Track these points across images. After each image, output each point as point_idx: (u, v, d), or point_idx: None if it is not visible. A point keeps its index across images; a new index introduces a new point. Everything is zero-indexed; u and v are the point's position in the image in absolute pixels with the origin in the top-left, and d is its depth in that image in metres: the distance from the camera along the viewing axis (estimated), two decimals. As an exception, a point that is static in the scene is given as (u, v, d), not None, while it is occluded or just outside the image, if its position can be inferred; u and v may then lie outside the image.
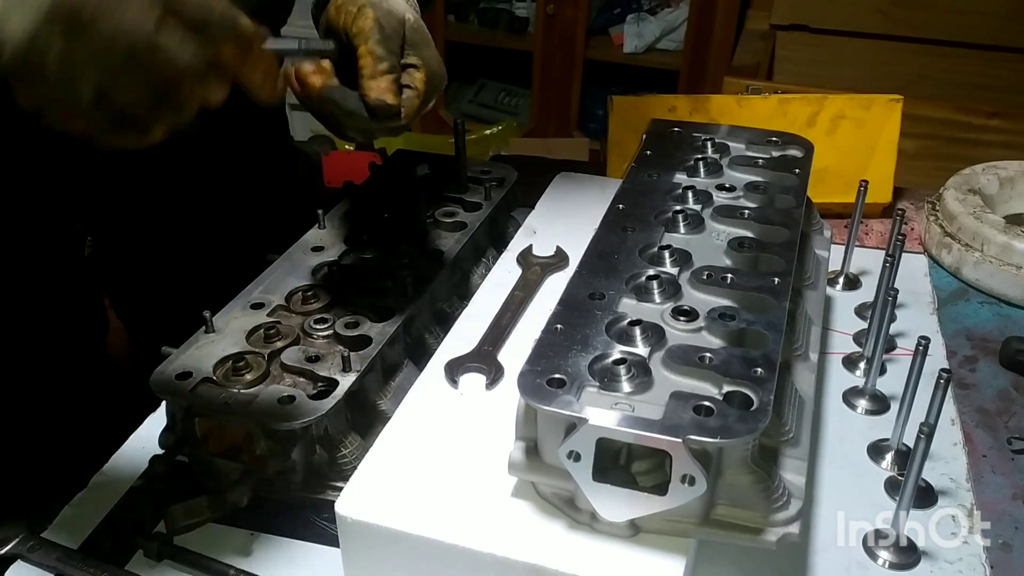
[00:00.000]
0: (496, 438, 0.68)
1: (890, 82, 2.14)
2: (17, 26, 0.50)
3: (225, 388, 0.76)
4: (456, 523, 0.64)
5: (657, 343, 0.66)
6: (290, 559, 0.73)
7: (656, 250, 0.78)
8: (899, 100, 1.20)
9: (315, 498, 0.76)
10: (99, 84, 0.53)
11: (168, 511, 0.72)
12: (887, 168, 1.21)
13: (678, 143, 0.97)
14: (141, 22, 0.54)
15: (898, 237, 0.89)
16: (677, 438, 0.56)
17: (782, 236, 0.80)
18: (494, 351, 0.83)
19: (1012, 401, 0.93)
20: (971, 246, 1.11)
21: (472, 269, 1.01)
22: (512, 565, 0.62)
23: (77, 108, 0.54)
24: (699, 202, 0.85)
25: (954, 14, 2.35)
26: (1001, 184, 1.20)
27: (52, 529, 0.75)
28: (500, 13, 3.18)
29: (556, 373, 0.62)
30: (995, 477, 0.83)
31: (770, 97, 1.23)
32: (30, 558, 0.72)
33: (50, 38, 0.51)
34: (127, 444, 0.84)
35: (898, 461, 0.81)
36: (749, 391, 0.61)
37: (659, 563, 0.61)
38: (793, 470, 0.64)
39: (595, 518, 0.63)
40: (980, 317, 1.07)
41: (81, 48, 0.52)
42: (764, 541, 0.61)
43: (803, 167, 0.92)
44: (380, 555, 0.66)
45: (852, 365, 0.94)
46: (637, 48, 3.02)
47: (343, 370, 0.77)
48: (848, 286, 1.07)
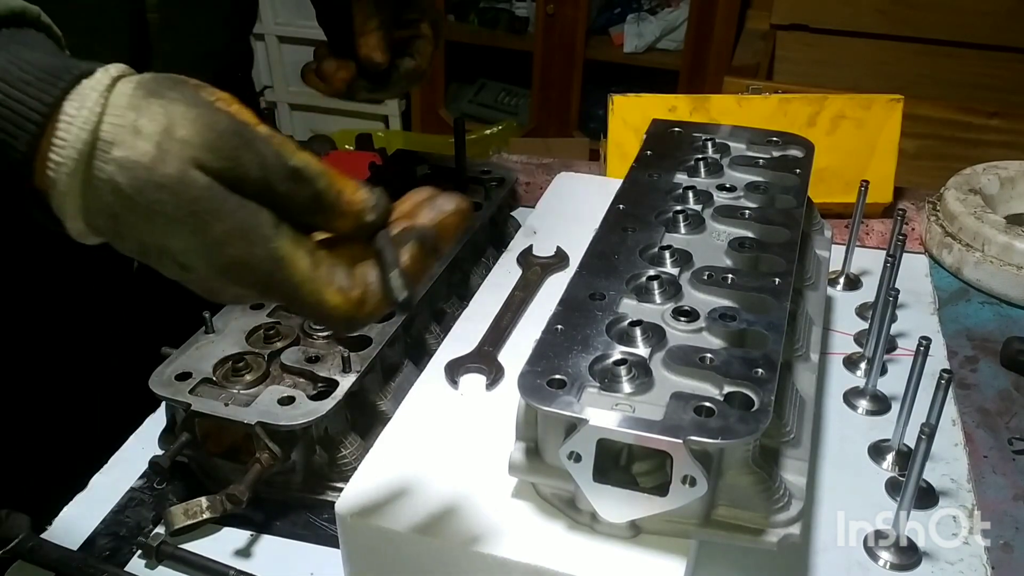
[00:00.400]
0: (496, 439, 0.68)
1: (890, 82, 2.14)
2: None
3: (225, 388, 0.76)
4: (456, 524, 0.64)
5: (658, 344, 0.66)
6: (290, 559, 0.73)
7: (656, 250, 0.77)
8: (899, 100, 1.20)
9: (315, 498, 0.76)
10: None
11: (168, 512, 0.72)
12: (888, 168, 1.21)
13: (678, 143, 0.97)
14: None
15: (899, 237, 0.89)
16: (678, 439, 0.56)
17: (783, 236, 0.80)
18: (494, 351, 0.83)
19: (1013, 401, 0.93)
20: (972, 246, 1.11)
21: (472, 269, 1.01)
22: (512, 566, 0.62)
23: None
24: (700, 202, 0.85)
25: (954, 14, 2.35)
26: (1002, 184, 1.20)
27: (52, 529, 0.75)
28: (500, 13, 3.18)
29: (556, 374, 0.62)
30: (996, 477, 0.83)
31: (770, 97, 1.23)
32: (30, 558, 0.72)
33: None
34: (127, 444, 0.84)
35: (899, 461, 0.81)
36: (750, 392, 0.61)
37: (660, 564, 0.61)
38: (794, 471, 0.64)
39: (595, 519, 0.62)
40: (981, 317, 1.07)
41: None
42: (765, 542, 0.60)
43: (804, 167, 0.91)
44: (380, 555, 0.66)
45: (853, 365, 0.94)
46: (637, 48, 3.02)
47: (343, 370, 0.77)
48: (849, 286, 1.07)
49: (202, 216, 0.46)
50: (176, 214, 0.46)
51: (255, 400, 0.74)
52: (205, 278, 0.48)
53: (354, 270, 0.51)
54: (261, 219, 0.47)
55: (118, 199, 0.45)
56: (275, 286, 0.48)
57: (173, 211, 0.46)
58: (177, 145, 0.45)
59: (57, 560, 0.71)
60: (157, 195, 0.45)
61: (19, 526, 0.73)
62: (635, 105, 1.22)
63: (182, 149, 0.45)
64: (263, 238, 0.47)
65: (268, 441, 0.72)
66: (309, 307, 0.50)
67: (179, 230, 0.46)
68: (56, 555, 0.72)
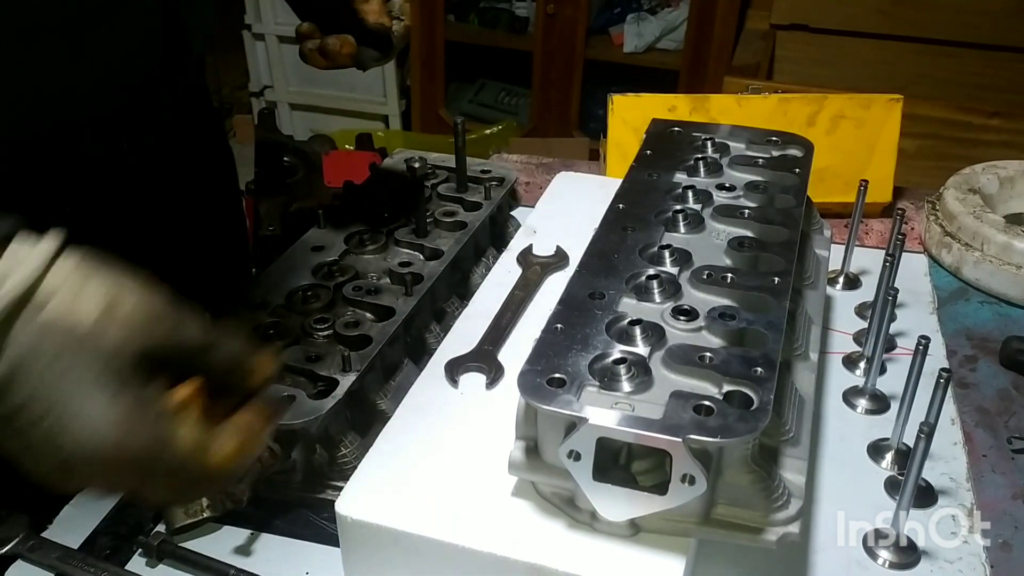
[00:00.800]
0: (496, 438, 0.68)
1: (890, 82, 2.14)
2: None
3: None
4: (456, 523, 0.64)
5: (657, 343, 0.66)
6: (290, 559, 0.73)
7: (656, 250, 0.78)
8: (899, 100, 1.20)
9: (315, 497, 0.76)
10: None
11: (168, 511, 0.72)
12: (887, 168, 1.21)
13: (678, 143, 0.97)
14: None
15: (898, 237, 0.89)
16: (677, 438, 0.56)
17: (782, 236, 0.80)
18: (494, 351, 0.83)
19: (1012, 401, 0.93)
20: (971, 246, 1.11)
21: (472, 269, 1.01)
22: (512, 565, 0.62)
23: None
24: (699, 202, 0.85)
25: (954, 14, 2.35)
26: (1001, 184, 1.20)
27: (52, 529, 0.75)
28: (500, 13, 3.19)
29: (556, 373, 0.62)
30: (995, 477, 0.83)
31: (770, 97, 1.23)
32: (30, 557, 0.72)
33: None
34: (127, 444, 0.84)
35: (898, 461, 0.81)
36: (749, 391, 0.61)
37: (659, 562, 0.61)
38: (793, 469, 0.64)
39: (595, 518, 0.63)
40: (980, 317, 1.07)
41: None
42: (764, 540, 0.61)
43: (803, 167, 0.91)
44: (380, 555, 0.66)
45: (852, 365, 0.94)
46: (637, 48, 3.02)
47: (343, 370, 0.77)
48: (848, 286, 1.07)
49: (112, 385, 0.47)
50: (85, 383, 0.46)
51: (255, 399, 0.74)
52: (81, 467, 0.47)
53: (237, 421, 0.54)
54: (155, 398, 0.49)
55: (28, 359, 0.45)
56: (157, 466, 0.49)
57: (93, 379, 0.46)
58: (118, 324, 0.47)
59: (57, 560, 0.71)
60: (82, 362, 0.46)
61: (19, 526, 0.73)
62: (635, 105, 1.22)
63: (122, 328, 0.47)
64: (154, 417, 0.48)
65: (268, 441, 0.72)
66: (187, 476, 0.51)
67: (81, 399, 0.46)
68: (56, 555, 0.72)
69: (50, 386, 0.46)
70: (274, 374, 0.56)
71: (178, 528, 0.72)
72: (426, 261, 0.93)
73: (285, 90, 3.48)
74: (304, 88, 3.47)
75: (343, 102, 3.44)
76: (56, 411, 0.46)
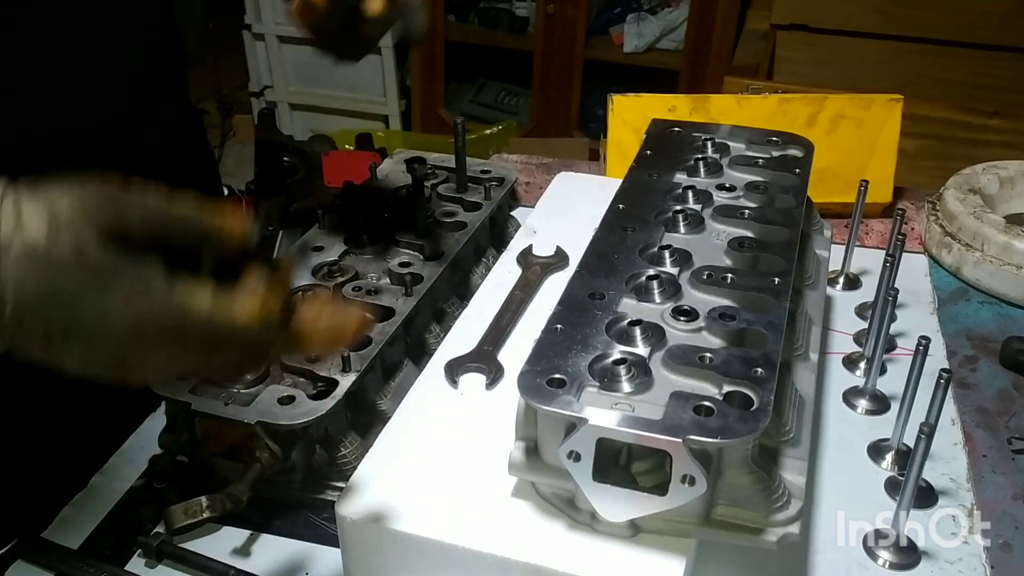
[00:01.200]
0: (496, 438, 0.68)
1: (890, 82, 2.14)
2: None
3: (225, 388, 0.76)
4: (456, 523, 0.64)
5: (657, 343, 0.66)
6: (290, 559, 0.73)
7: (656, 250, 0.78)
8: (899, 100, 1.20)
9: (315, 497, 0.76)
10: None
11: (168, 511, 0.72)
12: (887, 168, 1.21)
13: (678, 143, 0.97)
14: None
15: (898, 237, 0.89)
16: (677, 438, 0.56)
17: (782, 236, 0.80)
18: (494, 351, 0.83)
19: (1012, 401, 0.93)
20: (971, 246, 1.11)
21: (472, 269, 1.01)
22: (512, 565, 0.62)
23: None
24: (699, 202, 0.85)
25: (954, 14, 2.35)
26: (1001, 184, 1.20)
27: (52, 529, 0.75)
28: (500, 13, 3.19)
29: (556, 373, 0.62)
30: (995, 477, 0.83)
31: (770, 97, 1.23)
32: (30, 558, 0.72)
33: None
34: (127, 444, 0.84)
35: (898, 461, 0.81)
36: (749, 391, 0.61)
37: (659, 563, 0.61)
38: (793, 470, 0.64)
39: (595, 518, 0.62)
40: (980, 317, 1.07)
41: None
42: (764, 541, 0.61)
43: (803, 167, 0.91)
44: (380, 555, 0.66)
45: (852, 365, 0.94)
46: (637, 48, 3.02)
47: (343, 370, 0.77)
48: (848, 286, 1.07)
49: (103, 281, 0.48)
50: (79, 289, 0.47)
51: (255, 399, 0.74)
52: (115, 353, 0.49)
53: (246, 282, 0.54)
54: (156, 273, 0.49)
55: (23, 293, 0.46)
56: (187, 332, 0.50)
57: (75, 286, 0.47)
58: (64, 226, 0.48)
59: (57, 560, 0.71)
60: (58, 274, 0.47)
61: (19, 526, 0.73)
62: (635, 105, 1.22)
63: (68, 228, 0.48)
64: (162, 289, 0.49)
65: (268, 440, 0.72)
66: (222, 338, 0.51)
67: (83, 303, 0.47)
68: (56, 555, 0.72)
69: (51, 309, 0.47)
70: (249, 228, 0.56)
71: (178, 529, 0.72)
72: (426, 261, 0.93)
73: (285, 90, 3.47)
74: (304, 88, 3.47)
75: (343, 102, 3.44)
76: (74, 326, 0.47)
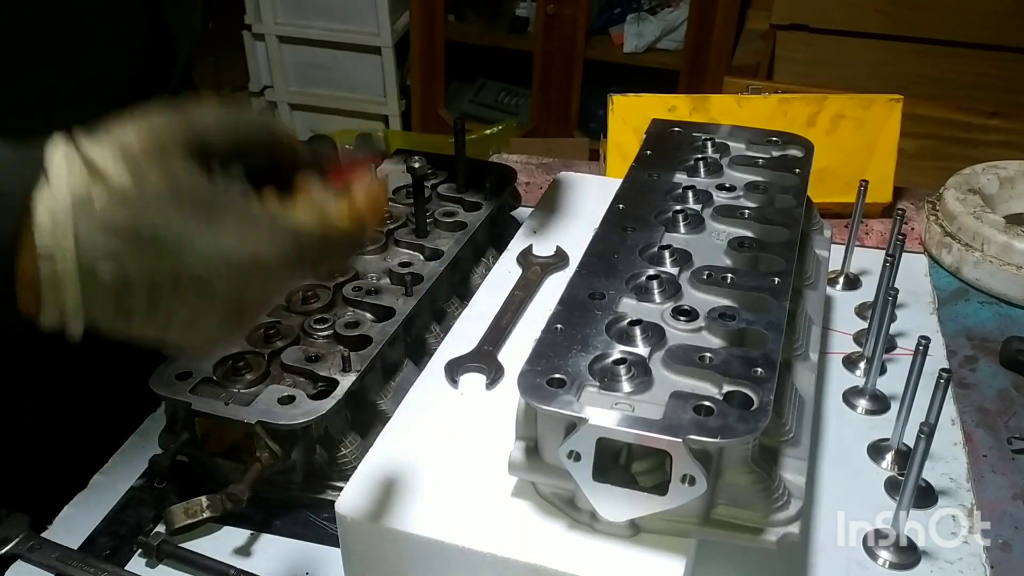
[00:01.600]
0: (496, 438, 0.68)
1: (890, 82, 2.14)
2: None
3: (225, 388, 0.76)
4: (456, 523, 0.64)
5: (657, 343, 0.66)
6: (290, 559, 0.73)
7: (656, 250, 0.78)
8: (899, 100, 1.20)
9: (315, 497, 0.76)
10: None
11: (168, 511, 0.72)
12: (887, 168, 1.21)
13: (678, 143, 0.97)
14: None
15: (898, 237, 0.89)
16: (677, 438, 0.56)
17: (782, 236, 0.80)
18: (494, 351, 0.83)
19: (1012, 401, 0.93)
20: (971, 246, 1.11)
21: (472, 269, 1.01)
22: (512, 565, 0.62)
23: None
24: (699, 202, 0.85)
25: (954, 14, 2.34)
26: (1001, 184, 1.20)
27: (52, 529, 0.75)
28: (500, 13, 3.18)
29: (556, 373, 0.62)
30: (995, 477, 0.83)
31: (770, 97, 1.23)
32: (30, 558, 0.72)
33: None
34: (127, 444, 0.84)
35: (898, 461, 0.81)
36: (749, 391, 0.61)
37: (659, 563, 0.61)
38: (793, 470, 0.64)
39: (595, 518, 0.63)
40: (980, 317, 1.07)
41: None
42: (764, 541, 0.61)
43: (803, 167, 0.91)
44: (380, 555, 0.66)
45: (852, 365, 0.94)
46: (637, 48, 3.02)
47: (343, 370, 0.77)
48: (848, 286, 1.07)
49: (208, 211, 0.46)
50: (184, 227, 0.45)
51: (255, 399, 0.74)
52: (232, 294, 0.47)
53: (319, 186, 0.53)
54: (250, 192, 0.48)
55: (121, 250, 0.44)
56: (303, 252, 0.48)
57: (180, 224, 0.45)
58: (145, 160, 0.45)
59: (57, 560, 0.71)
60: (158, 214, 0.45)
61: (19, 526, 0.73)
62: (635, 105, 1.22)
63: (151, 160, 0.46)
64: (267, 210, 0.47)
65: (268, 440, 0.72)
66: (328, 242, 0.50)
67: (192, 241, 0.45)
68: (56, 555, 0.72)
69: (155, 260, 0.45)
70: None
71: (178, 528, 0.72)
72: (426, 261, 0.93)
73: (285, 90, 3.47)
74: (304, 88, 3.47)
75: (343, 102, 3.43)
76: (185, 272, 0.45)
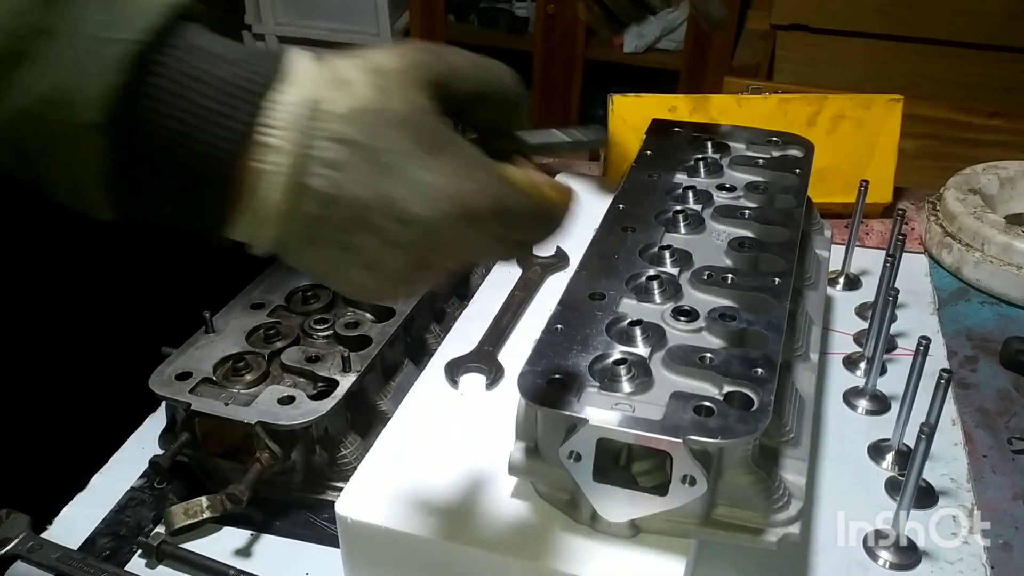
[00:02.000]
0: (496, 438, 0.68)
1: (890, 82, 2.14)
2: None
3: (225, 388, 0.76)
4: (456, 523, 0.64)
5: (657, 343, 0.66)
6: (290, 559, 0.73)
7: (656, 250, 0.78)
8: (899, 100, 1.20)
9: (315, 498, 0.76)
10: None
11: (168, 511, 0.72)
12: (887, 168, 1.21)
13: (678, 143, 0.97)
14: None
15: (898, 237, 0.89)
16: (677, 438, 0.56)
17: (782, 236, 0.80)
18: (494, 351, 0.83)
19: (1013, 401, 0.93)
20: (971, 246, 1.11)
21: (472, 269, 1.01)
22: (512, 565, 0.62)
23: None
24: (699, 202, 0.85)
25: (954, 14, 2.34)
26: (1001, 184, 1.20)
27: (52, 529, 0.75)
28: (500, 13, 3.18)
29: (556, 373, 0.62)
30: (996, 477, 0.83)
31: (770, 97, 1.23)
32: (30, 558, 0.72)
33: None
34: (127, 444, 0.84)
35: (898, 461, 0.81)
36: (750, 391, 0.61)
37: (659, 563, 0.61)
38: (793, 470, 0.64)
39: (595, 518, 0.62)
40: (980, 317, 1.07)
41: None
42: (764, 541, 0.61)
43: (803, 167, 0.91)
44: (380, 555, 0.66)
45: (852, 365, 0.94)
46: (637, 48, 3.02)
47: (343, 370, 0.77)
48: (848, 286, 1.07)
49: (435, 145, 0.44)
50: (408, 158, 0.43)
51: (255, 400, 0.74)
52: (426, 237, 0.44)
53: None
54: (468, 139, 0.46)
55: (347, 152, 0.42)
56: (508, 205, 0.46)
57: (405, 153, 0.43)
58: (394, 82, 0.43)
59: (57, 560, 0.71)
60: (392, 135, 0.43)
61: (19, 526, 0.73)
62: (635, 105, 1.22)
63: (399, 83, 0.43)
64: (486, 161, 0.46)
65: (268, 441, 0.72)
66: (536, 209, 0.49)
67: (412, 171, 0.43)
68: (56, 555, 0.72)
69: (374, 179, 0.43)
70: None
71: (178, 529, 0.72)
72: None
73: (285, 90, 3.47)
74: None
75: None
76: (396, 202, 0.43)
